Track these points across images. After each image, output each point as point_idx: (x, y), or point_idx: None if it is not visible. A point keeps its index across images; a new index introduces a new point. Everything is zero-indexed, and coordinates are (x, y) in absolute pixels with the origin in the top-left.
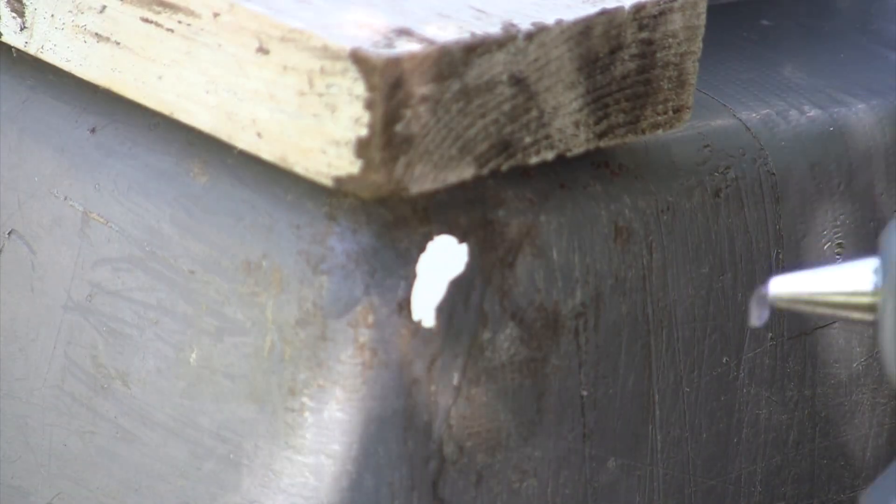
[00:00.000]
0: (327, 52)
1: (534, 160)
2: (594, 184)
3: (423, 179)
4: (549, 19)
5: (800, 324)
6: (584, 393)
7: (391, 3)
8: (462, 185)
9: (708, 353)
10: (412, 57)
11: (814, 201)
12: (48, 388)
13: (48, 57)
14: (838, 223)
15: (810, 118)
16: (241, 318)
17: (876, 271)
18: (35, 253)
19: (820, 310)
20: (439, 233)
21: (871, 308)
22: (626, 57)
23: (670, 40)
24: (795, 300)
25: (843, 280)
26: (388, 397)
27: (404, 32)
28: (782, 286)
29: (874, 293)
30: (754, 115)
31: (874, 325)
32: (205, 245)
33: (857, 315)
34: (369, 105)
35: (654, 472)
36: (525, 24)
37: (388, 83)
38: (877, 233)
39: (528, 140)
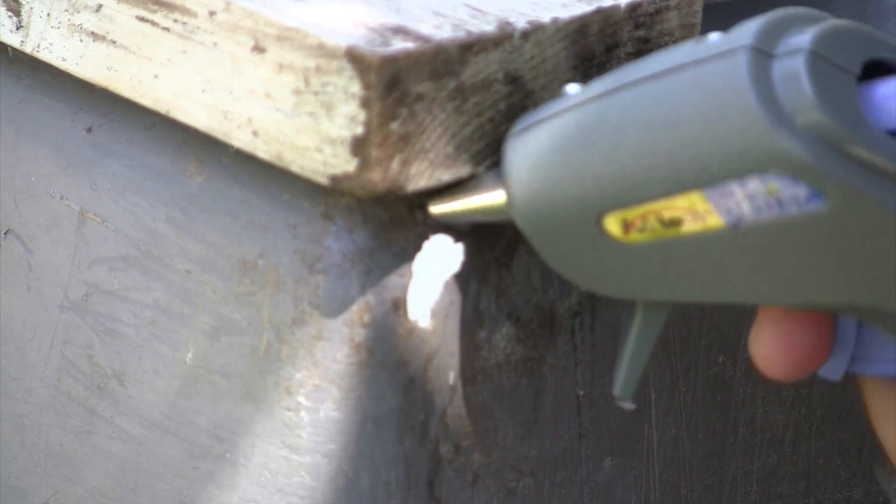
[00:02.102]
0: (323, 51)
1: None
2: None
3: (419, 178)
4: (545, 18)
5: None
6: (581, 392)
7: (387, 1)
8: (458, 184)
9: (704, 352)
10: (408, 55)
11: None
12: (44, 388)
13: (44, 56)
14: None
15: None
16: (238, 318)
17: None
18: (31, 252)
19: (473, 219)
20: (435, 232)
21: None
22: (623, 55)
23: (666, 38)
24: (451, 214)
25: (482, 192)
26: (385, 397)
27: (400, 31)
28: (440, 206)
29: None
30: None
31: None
32: (201, 244)
33: (500, 217)
34: (365, 103)
35: (650, 472)
36: (521, 23)
37: (383, 81)
38: None
39: None
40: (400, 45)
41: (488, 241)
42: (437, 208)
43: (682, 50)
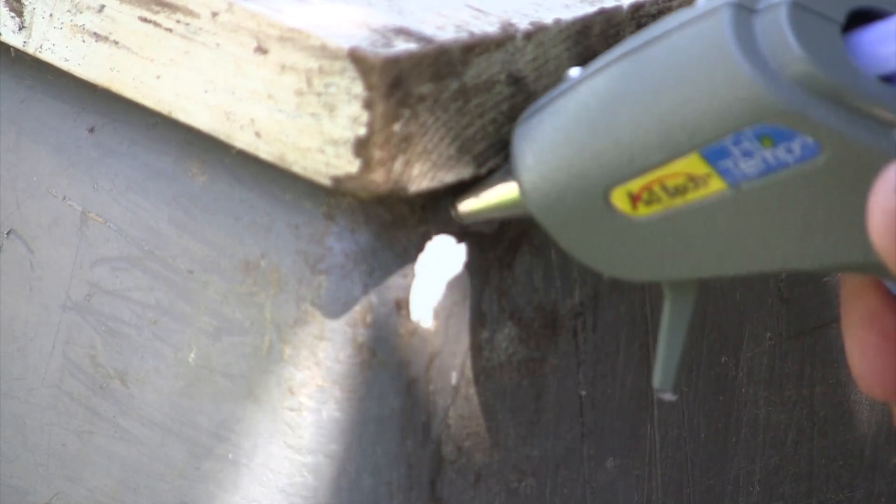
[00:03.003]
0: (325, 52)
1: None
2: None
3: (422, 179)
4: (548, 19)
5: (798, 323)
6: (583, 393)
7: (389, 2)
8: (461, 185)
9: (706, 352)
10: (410, 56)
11: None
12: (46, 388)
13: (47, 56)
14: None
15: None
16: (240, 318)
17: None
18: (33, 252)
19: (494, 216)
20: (437, 233)
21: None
22: None
23: None
24: (473, 213)
25: (497, 187)
26: (387, 397)
27: (402, 32)
28: (466, 205)
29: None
30: None
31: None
32: (203, 245)
33: (517, 211)
34: (368, 104)
35: (652, 472)
36: (523, 24)
37: (386, 82)
38: None
39: None
40: (402, 46)
41: (490, 241)
42: (462, 208)
43: (671, 17)
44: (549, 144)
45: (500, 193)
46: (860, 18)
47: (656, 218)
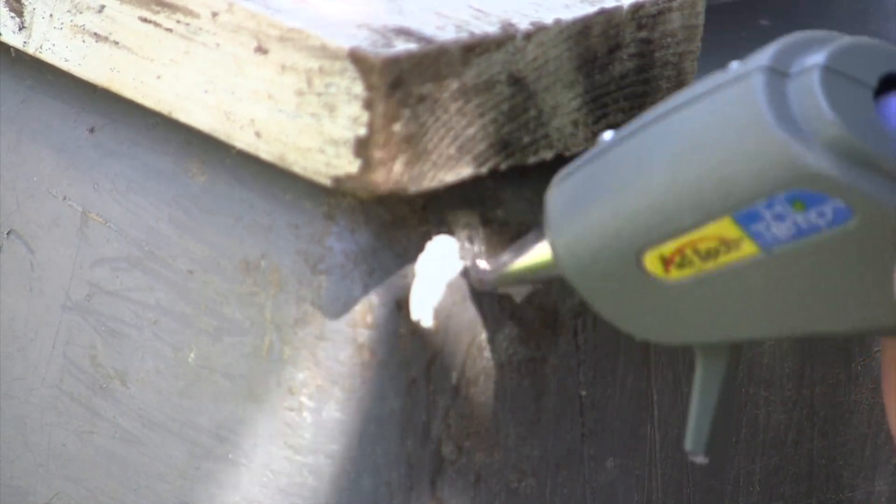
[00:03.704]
0: (326, 52)
1: (532, 160)
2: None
3: (422, 179)
4: (548, 19)
5: None
6: (583, 393)
7: (390, 2)
8: (461, 185)
9: None
10: (410, 56)
11: None
12: (47, 388)
13: (47, 57)
14: None
15: None
16: (240, 318)
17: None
18: (34, 253)
19: (527, 280)
20: (437, 233)
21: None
22: (625, 56)
23: (669, 40)
24: (507, 279)
25: (529, 250)
26: (387, 397)
27: (403, 32)
28: (499, 271)
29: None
30: None
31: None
32: (203, 245)
33: (550, 274)
34: (368, 104)
35: (652, 472)
36: (524, 24)
37: (386, 83)
38: None
39: (526, 139)
40: (403, 46)
41: (491, 241)
42: (495, 274)
43: (703, 81)
44: (582, 207)
45: (533, 256)
46: (892, 82)
47: (688, 282)
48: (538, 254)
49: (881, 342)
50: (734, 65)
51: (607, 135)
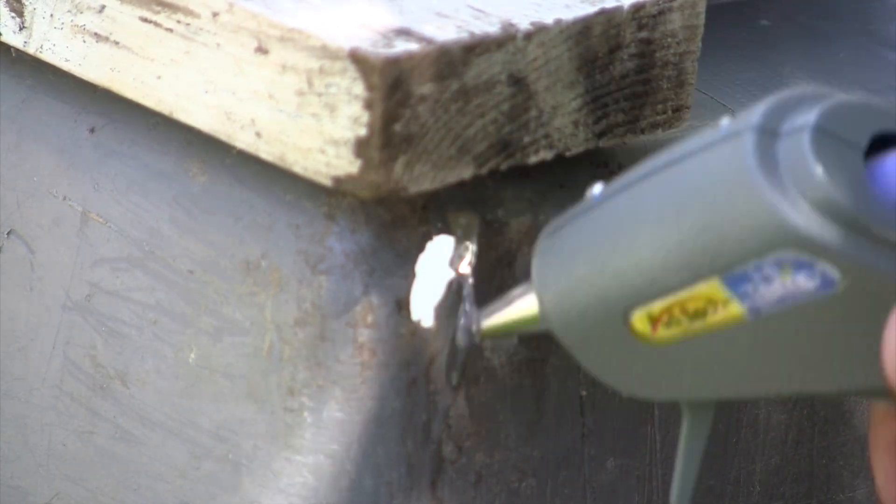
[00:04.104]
0: (326, 52)
1: (533, 160)
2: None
3: (422, 179)
4: (548, 19)
5: None
6: (584, 393)
7: (390, 2)
8: (461, 185)
9: None
10: (411, 57)
11: None
12: (47, 388)
13: (47, 57)
14: None
15: None
16: (240, 318)
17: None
18: (34, 253)
19: (514, 333)
20: (438, 233)
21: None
22: (626, 56)
23: (669, 40)
24: (494, 331)
25: (516, 304)
26: (387, 397)
27: (403, 32)
28: (486, 323)
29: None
30: None
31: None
32: (204, 245)
33: (537, 329)
34: (368, 105)
35: (653, 472)
36: (524, 24)
37: (387, 83)
38: None
39: (527, 140)
40: (403, 46)
41: (491, 241)
42: (483, 325)
43: (694, 138)
44: (570, 263)
45: (520, 309)
46: (884, 142)
47: (676, 342)
48: (524, 308)
49: (867, 402)
50: (725, 121)
51: (597, 188)
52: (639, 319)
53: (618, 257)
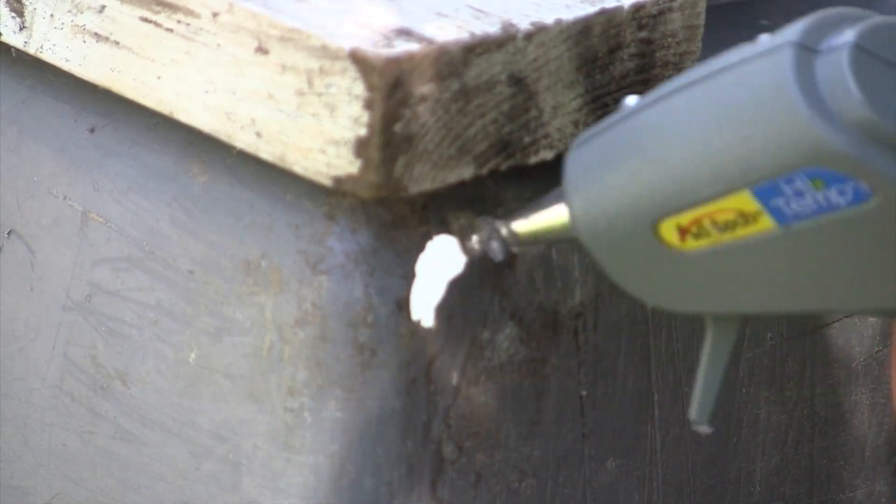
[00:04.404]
0: (326, 52)
1: (533, 160)
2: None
3: (423, 179)
4: (549, 19)
5: (799, 324)
6: (584, 393)
7: (390, 2)
8: (461, 185)
9: None
10: (411, 57)
11: None
12: (47, 388)
13: (47, 57)
14: None
15: None
16: (240, 318)
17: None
18: (34, 253)
19: (544, 239)
20: (438, 232)
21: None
22: (626, 56)
23: (669, 40)
24: (525, 236)
25: (546, 211)
26: (387, 397)
27: (403, 32)
28: (520, 226)
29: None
30: None
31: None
32: (204, 245)
33: (566, 236)
34: (368, 105)
35: (653, 472)
36: (524, 24)
37: (387, 83)
38: None
39: (527, 140)
40: (403, 46)
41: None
42: (516, 228)
43: (732, 52)
44: (601, 172)
45: (550, 217)
46: None
47: (704, 252)
48: (555, 215)
49: (891, 323)
50: (764, 37)
51: (631, 99)
52: (667, 229)
53: (649, 167)
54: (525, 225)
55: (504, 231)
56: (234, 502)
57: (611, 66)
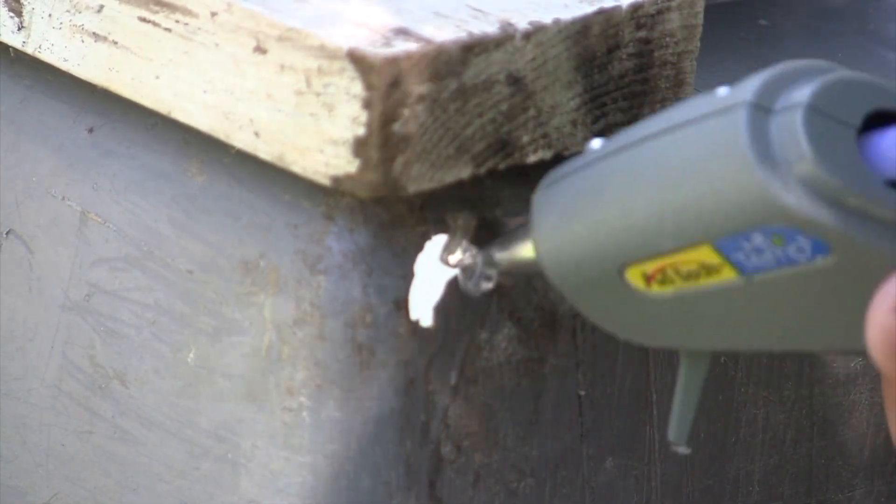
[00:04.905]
0: (325, 52)
1: (531, 159)
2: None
3: (421, 179)
4: (547, 18)
5: None
6: (582, 393)
7: (389, 2)
8: (459, 185)
9: None
10: (409, 56)
11: None
12: (46, 388)
13: (46, 56)
14: None
15: None
16: (239, 318)
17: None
18: (33, 253)
19: (514, 270)
20: (436, 232)
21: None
22: (624, 56)
23: (668, 39)
24: (499, 264)
25: (514, 246)
26: (386, 397)
27: (402, 32)
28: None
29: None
30: None
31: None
32: (202, 245)
33: (534, 271)
34: (367, 104)
35: (651, 472)
36: (522, 24)
37: (385, 82)
38: None
39: (525, 139)
40: (402, 46)
41: (489, 240)
42: (493, 255)
43: (691, 104)
44: (566, 216)
45: (519, 252)
46: (881, 118)
47: (669, 296)
48: (524, 250)
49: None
50: (722, 91)
51: (596, 143)
52: (633, 274)
53: (613, 217)
54: (498, 255)
55: (483, 261)
56: (233, 502)
57: (609, 65)
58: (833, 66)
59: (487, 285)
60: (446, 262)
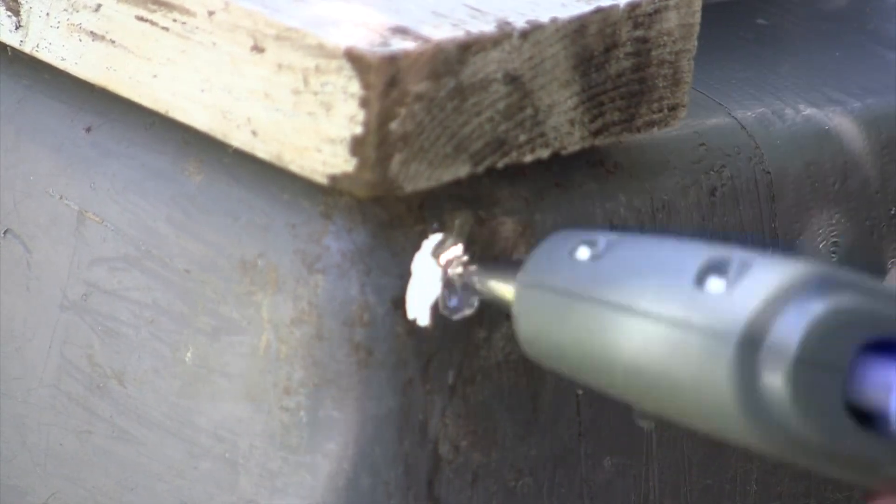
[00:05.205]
0: (322, 51)
1: (529, 158)
2: (589, 182)
3: (418, 178)
4: (544, 17)
5: None
6: (580, 392)
7: (386, 1)
8: (457, 184)
9: None
10: (407, 55)
11: (809, 200)
12: (44, 388)
13: (43, 56)
14: (833, 222)
15: (806, 117)
16: (237, 318)
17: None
18: (31, 252)
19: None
20: (434, 231)
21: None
22: (621, 55)
23: (665, 38)
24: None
25: (501, 287)
26: (384, 396)
27: (399, 31)
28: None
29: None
30: (750, 113)
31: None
32: (200, 244)
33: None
34: (364, 103)
35: (649, 471)
36: (520, 23)
37: (383, 81)
38: (872, 231)
39: (522, 138)
40: (399, 44)
41: (486, 239)
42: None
43: (682, 292)
44: (547, 334)
45: (500, 293)
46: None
47: None
48: (503, 293)
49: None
50: (717, 286)
51: (582, 252)
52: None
53: (592, 366)
54: (480, 287)
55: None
56: (232, 502)
57: (606, 64)
58: (832, 276)
59: (468, 311)
60: (436, 260)
